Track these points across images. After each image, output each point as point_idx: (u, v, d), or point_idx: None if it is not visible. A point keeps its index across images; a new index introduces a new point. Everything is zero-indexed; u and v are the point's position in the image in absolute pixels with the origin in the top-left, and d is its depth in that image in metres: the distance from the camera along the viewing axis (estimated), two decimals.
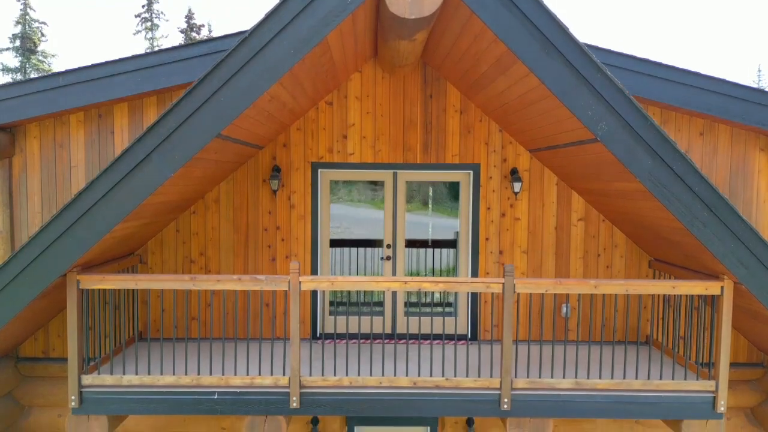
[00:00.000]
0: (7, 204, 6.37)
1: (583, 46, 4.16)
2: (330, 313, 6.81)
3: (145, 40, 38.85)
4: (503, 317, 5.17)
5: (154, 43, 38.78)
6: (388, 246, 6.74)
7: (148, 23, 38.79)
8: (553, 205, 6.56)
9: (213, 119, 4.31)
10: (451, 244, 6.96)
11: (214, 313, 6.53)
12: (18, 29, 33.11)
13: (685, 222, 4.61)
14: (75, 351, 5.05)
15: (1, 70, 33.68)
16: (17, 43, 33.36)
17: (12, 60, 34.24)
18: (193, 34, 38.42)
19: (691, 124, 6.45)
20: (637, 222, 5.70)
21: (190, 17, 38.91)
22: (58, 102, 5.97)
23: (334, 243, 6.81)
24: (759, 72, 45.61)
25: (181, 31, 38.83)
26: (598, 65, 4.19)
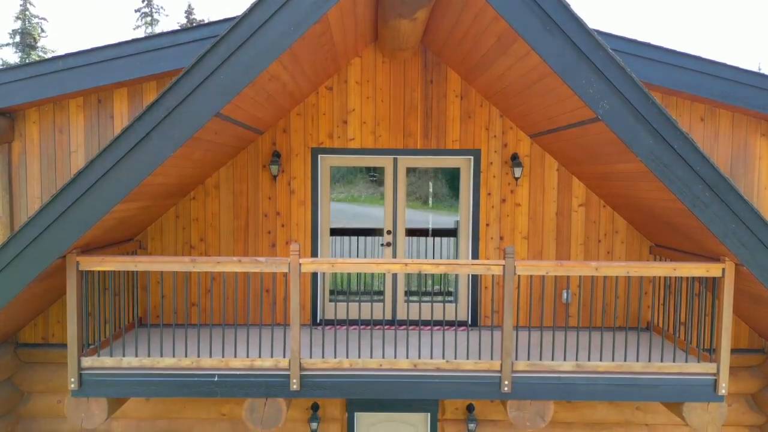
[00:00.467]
0: (7, 189, 6.36)
1: (584, 23, 4.15)
2: (330, 300, 6.80)
3: (145, 35, 38.85)
4: (504, 300, 5.16)
5: None
6: (389, 232, 6.72)
7: (148, 18, 38.80)
8: (554, 191, 6.54)
9: (213, 97, 4.29)
10: (452, 233, 6.95)
11: (214, 299, 6.51)
12: (18, 25, 33.09)
13: (687, 202, 4.59)
14: (75, 333, 5.04)
15: (1, 65, 33.68)
16: (17, 38, 33.35)
17: (12, 56, 34.27)
18: None
19: (692, 110, 6.43)
20: (638, 205, 5.68)
21: (190, 12, 38.91)
22: (57, 86, 5.95)
23: (335, 232, 6.80)
24: (759, 70, 45.64)
25: (181, 26, 38.81)
26: (599, 42, 4.17)
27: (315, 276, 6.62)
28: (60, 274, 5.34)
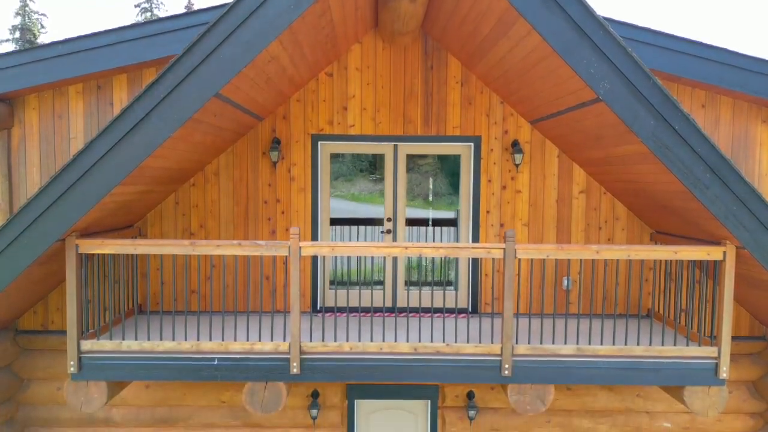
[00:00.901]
0: (6, 176, 6.35)
1: (584, 1, 4.13)
2: (330, 287, 6.79)
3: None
4: (504, 284, 5.15)
5: None
6: (389, 219, 6.71)
7: (148, 14, 38.75)
8: (554, 178, 6.53)
9: (212, 77, 4.28)
10: (452, 222, 6.94)
11: (214, 286, 6.50)
12: (18, 21, 33.07)
13: (688, 184, 4.58)
14: (74, 316, 5.03)
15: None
16: (17, 34, 33.31)
17: None
18: None
19: (693, 96, 6.42)
20: (639, 190, 5.67)
21: (189, 8, 38.86)
22: (57, 71, 5.94)
23: (335, 222, 6.79)
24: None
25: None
26: (599, 21, 4.16)
27: (315, 264, 6.61)
28: (59, 258, 5.33)
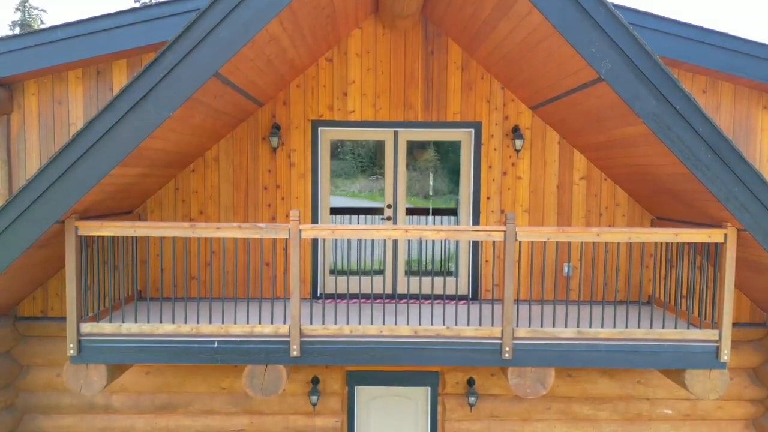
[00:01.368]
0: (6, 161, 6.33)
1: None
2: (330, 274, 6.78)
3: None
4: (504, 266, 5.14)
5: None
6: (389, 206, 6.70)
7: None
8: (555, 164, 6.52)
9: (212, 56, 4.27)
10: (452, 212, 6.93)
11: (214, 273, 6.49)
12: (18, 16, 33.07)
13: (689, 164, 4.57)
14: (74, 298, 5.02)
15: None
16: (17, 30, 33.28)
17: None
18: None
19: (694, 81, 6.40)
20: (639, 174, 5.66)
21: None
22: (56, 55, 5.92)
23: (335, 211, 6.78)
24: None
25: None
26: None
27: (315, 251, 6.59)
28: (59, 241, 5.31)
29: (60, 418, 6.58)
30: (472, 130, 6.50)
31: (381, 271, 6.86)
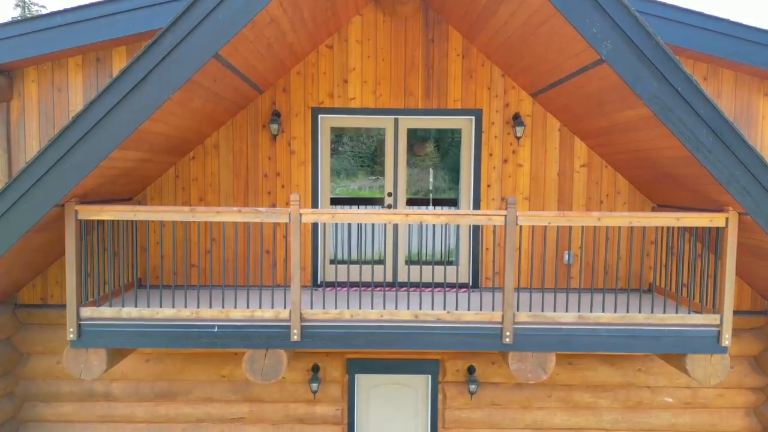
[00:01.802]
0: (5, 148, 6.32)
1: None
2: (330, 263, 6.76)
3: None
4: (505, 251, 5.13)
5: None
6: (389, 194, 6.68)
7: None
8: (556, 151, 6.50)
9: (212, 36, 4.26)
10: (452, 203, 6.90)
11: (214, 261, 6.48)
12: (18, 12, 33.00)
13: (690, 146, 4.56)
14: (74, 282, 5.01)
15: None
16: None
17: None
18: None
19: (695, 69, 6.39)
20: (640, 160, 5.65)
21: None
22: (56, 41, 5.91)
23: (335, 201, 6.76)
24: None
25: None
26: None
27: (315, 240, 6.58)
28: (59, 226, 5.30)
29: (60, 405, 6.57)
30: (473, 118, 6.49)
31: (381, 261, 6.84)
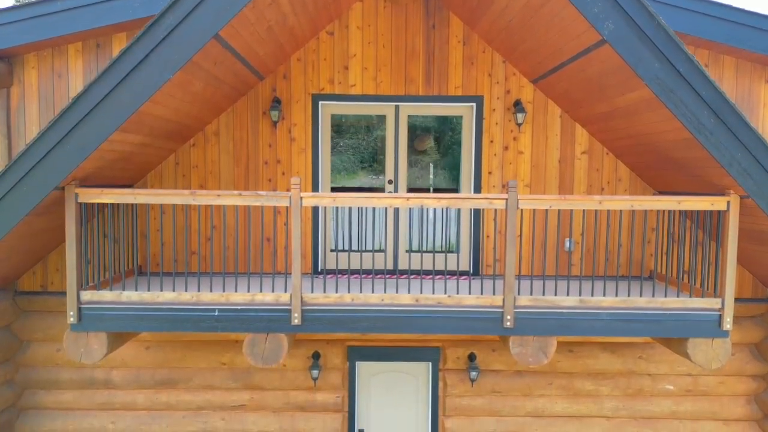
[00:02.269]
0: (5, 135, 6.31)
1: None
2: (331, 251, 6.75)
3: None
4: (506, 236, 5.12)
5: None
6: (390, 182, 6.67)
7: None
8: (557, 138, 6.49)
9: (213, 16, 4.25)
10: (454, 192, 6.89)
11: (215, 248, 6.47)
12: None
13: (691, 128, 4.55)
14: (74, 265, 4.99)
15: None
16: None
17: None
18: None
19: (696, 55, 6.36)
20: (641, 145, 5.64)
21: None
22: (57, 27, 5.89)
23: (336, 190, 6.75)
24: None
25: None
26: None
27: (316, 227, 6.56)
28: (59, 210, 5.29)
29: (60, 393, 6.56)
30: (474, 105, 6.48)
31: (382, 250, 6.83)
